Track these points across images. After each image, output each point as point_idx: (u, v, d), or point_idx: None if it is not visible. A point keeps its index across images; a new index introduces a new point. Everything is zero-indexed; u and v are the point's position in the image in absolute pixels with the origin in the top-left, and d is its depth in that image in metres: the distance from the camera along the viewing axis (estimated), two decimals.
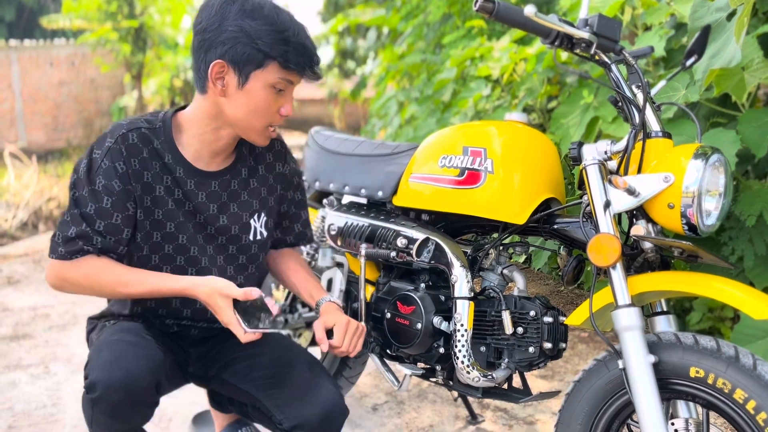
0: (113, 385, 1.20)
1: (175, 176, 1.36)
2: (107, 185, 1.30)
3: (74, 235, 1.29)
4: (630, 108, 1.31)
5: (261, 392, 1.40)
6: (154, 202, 1.35)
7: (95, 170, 1.30)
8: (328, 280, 1.80)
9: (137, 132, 1.33)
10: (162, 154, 1.34)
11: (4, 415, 2.11)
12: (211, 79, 1.28)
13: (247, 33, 1.25)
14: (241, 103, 1.29)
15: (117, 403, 1.21)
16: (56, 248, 1.31)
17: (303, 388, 1.38)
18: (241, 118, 1.31)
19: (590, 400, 1.29)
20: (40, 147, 13.20)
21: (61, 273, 1.32)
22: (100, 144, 1.32)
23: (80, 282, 1.31)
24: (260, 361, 1.44)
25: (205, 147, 1.38)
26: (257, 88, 1.28)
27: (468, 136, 1.55)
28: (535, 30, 1.26)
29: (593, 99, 2.29)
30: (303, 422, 1.33)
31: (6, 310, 3.36)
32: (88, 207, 1.30)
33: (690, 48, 1.45)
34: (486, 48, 3.18)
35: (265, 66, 1.27)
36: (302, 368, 1.42)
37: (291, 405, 1.36)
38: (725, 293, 1.16)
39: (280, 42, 1.26)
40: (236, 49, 1.25)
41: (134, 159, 1.32)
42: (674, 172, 1.21)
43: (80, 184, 1.31)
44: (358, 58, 15.40)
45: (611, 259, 1.21)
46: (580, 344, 2.55)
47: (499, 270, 1.55)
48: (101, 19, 10.71)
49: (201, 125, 1.35)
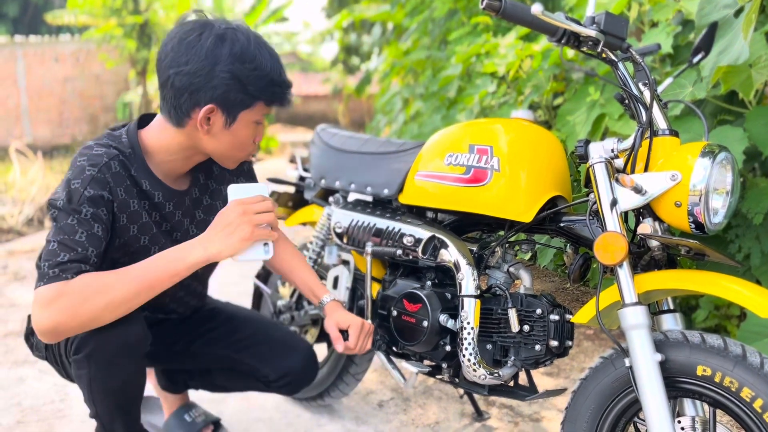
0: (104, 333, 1.22)
1: (154, 202, 1.38)
2: (95, 213, 1.25)
3: (67, 260, 1.19)
4: (637, 106, 1.30)
5: (243, 352, 1.59)
6: (140, 230, 1.37)
7: (78, 200, 1.24)
8: (334, 278, 1.81)
9: (117, 160, 1.31)
10: (139, 181, 1.35)
11: (12, 410, 2.12)
12: (199, 120, 1.29)
13: (238, 79, 1.27)
14: (225, 140, 1.33)
15: (112, 352, 1.24)
16: (46, 274, 1.18)
17: (282, 344, 1.59)
18: (223, 152, 1.35)
19: (597, 397, 1.29)
20: (46, 143, 13.24)
21: (57, 298, 1.16)
22: (79, 174, 1.26)
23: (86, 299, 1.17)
24: (237, 326, 1.62)
25: (174, 170, 1.41)
26: (242, 126, 1.32)
27: (474, 133, 1.54)
28: (541, 28, 1.26)
29: (600, 96, 2.28)
30: (288, 371, 1.56)
31: (13, 305, 3.38)
32: (77, 234, 1.22)
33: (697, 45, 1.44)
34: (492, 44, 3.17)
35: (253, 106, 1.31)
36: (275, 329, 1.64)
37: (274, 359, 1.57)
38: (732, 291, 1.16)
39: (267, 84, 1.30)
40: (228, 95, 1.27)
41: (119, 188, 1.31)
42: (681, 170, 1.21)
43: (63, 215, 1.24)
44: (363, 54, 15.37)
45: (618, 257, 1.21)
46: (585, 341, 2.55)
47: (506, 268, 1.55)
48: (106, 15, 10.73)
49: (172, 153, 1.37)
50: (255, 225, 1.26)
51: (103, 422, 1.38)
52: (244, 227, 1.25)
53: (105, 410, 1.35)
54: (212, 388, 1.71)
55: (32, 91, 13.56)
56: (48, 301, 1.15)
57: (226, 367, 1.62)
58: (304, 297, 1.99)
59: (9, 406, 2.15)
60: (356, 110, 19.75)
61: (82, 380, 1.31)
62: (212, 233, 1.26)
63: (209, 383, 1.69)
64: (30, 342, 1.54)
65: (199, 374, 1.68)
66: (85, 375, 1.29)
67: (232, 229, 1.25)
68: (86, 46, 13.29)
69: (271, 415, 2.03)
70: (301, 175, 2.08)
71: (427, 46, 5.04)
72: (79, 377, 1.31)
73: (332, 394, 1.97)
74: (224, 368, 1.63)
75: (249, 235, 1.25)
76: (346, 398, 2.12)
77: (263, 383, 1.59)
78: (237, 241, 1.25)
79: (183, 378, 1.72)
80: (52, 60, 13.57)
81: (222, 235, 1.25)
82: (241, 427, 1.96)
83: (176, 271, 1.24)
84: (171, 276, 1.24)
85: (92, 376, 1.28)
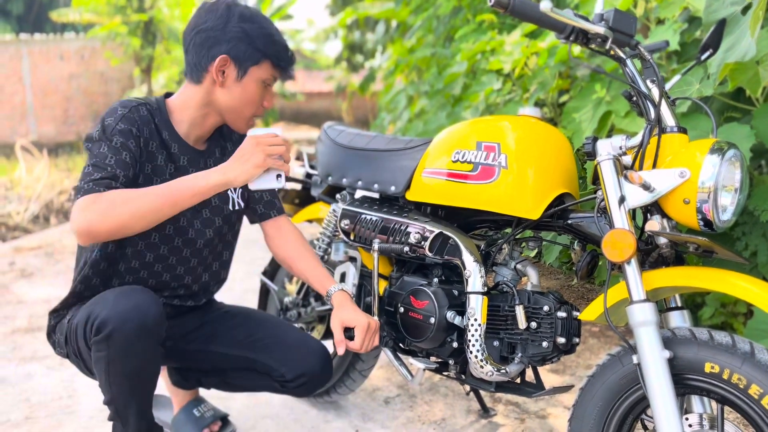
0: (125, 314, 1.31)
1: (170, 152, 1.52)
2: (125, 143, 1.42)
3: (100, 177, 1.36)
4: (645, 103, 1.30)
5: (260, 352, 1.62)
6: (154, 171, 1.50)
7: (110, 131, 1.41)
8: (341, 275, 1.81)
9: (145, 107, 1.49)
10: (161, 130, 1.51)
11: (21, 406, 2.13)
12: (214, 70, 1.46)
13: (247, 34, 1.46)
14: (236, 93, 1.49)
15: (131, 333, 1.31)
16: (82, 188, 1.34)
17: (298, 344, 1.62)
18: (234, 106, 1.51)
19: (604, 394, 1.29)
20: (51, 140, 13.28)
21: (91, 204, 1.30)
22: (112, 113, 1.44)
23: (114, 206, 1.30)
24: (254, 327, 1.67)
25: (192, 130, 1.55)
26: (251, 81, 1.49)
27: (481, 130, 1.55)
28: (550, 25, 1.26)
29: (606, 93, 2.28)
30: (305, 371, 1.58)
31: (20, 302, 3.40)
32: (108, 158, 1.39)
33: (705, 42, 1.44)
34: (497, 42, 3.17)
35: (261, 63, 1.49)
36: (292, 330, 1.67)
37: (292, 359, 1.60)
38: (741, 289, 1.16)
39: (272, 43, 1.49)
40: (239, 48, 1.46)
41: (145, 128, 1.47)
42: (690, 167, 1.21)
43: (97, 144, 1.41)
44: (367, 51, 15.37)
45: (626, 254, 1.21)
46: (591, 339, 2.55)
47: (513, 265, 1.55)
48: (111, 12, 10.75)
49: (191, 111, 1.53)
50: (267, 154, 1.37)
51: (118, 407, 1.40)
52: (258, 154, 1.36)
53: (120, 394, 1.38)
54: (226, 387, 1.73)
55: (37, 89, 13.60)
56: (82, 207, 1.31)
57: (242, 367, 1.65)
58: (312, 292, 2.00)
59: (17, 402, 2.16)
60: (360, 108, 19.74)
61: (100, 363, 1.34)
62: (230, 162, 1.38)
63: (223, 382, 1.71)
64: (52, 340, 1.58)
65: (214, 373, 1.70)
66: (103, 357, 1.33)
67: (248, 156, 1.37)
68: (91, 44, 13.33)
69: (278, 412, 2.04)
70: (308, 172, 2.08)
71: (432, 44, 5.03)
72: (98, 360, 1.34)
73: (339, 390, 1.98)
74: (240, 368, 1.66)
75: (262, 161, 1.36)
76: (352, 395, 2.13)
77: (279, 383, 1.62)
78: (251, 167, 1.36)
79: (196, 376, 1.73)
80: (57, 58, 13.60)
81: (238, 162, 1.37)
82: (249, 423, 1.97)
83: (197, 190, 1.36)
84: (192, 194, 1.35)
85: (111, 358, 1.32)
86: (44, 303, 3.37)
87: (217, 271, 1.70)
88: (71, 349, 1.49)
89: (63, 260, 4.42)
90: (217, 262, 1.70)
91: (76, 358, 1.50)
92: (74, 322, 1.46)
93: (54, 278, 3.92)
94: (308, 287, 2.01)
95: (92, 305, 1.37)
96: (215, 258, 1.68)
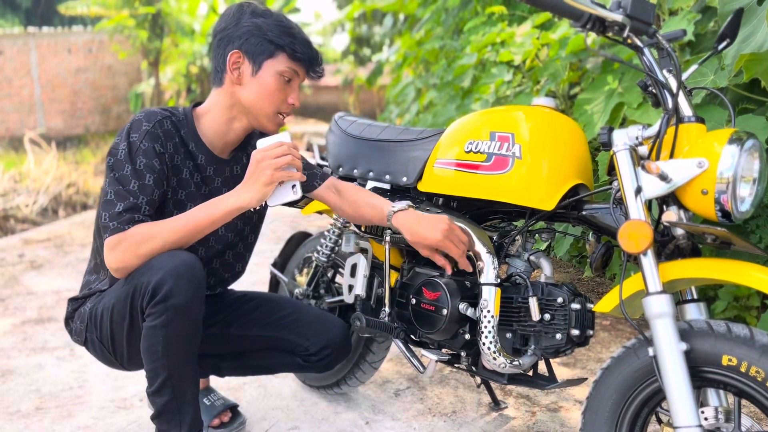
0: (176, 270, 1.33)
1: (197, 163, 1.53)
2: (148, 164, 1.43)
3: (122, 209, 1.38)
4: (663, 92, 1.28)
5: (283, 330, 1.67)
6: (180, 184, 1.51)
7: (135, 151, 1.42)
8: (352, 266, 1.80)
9: (170, 120, 1.49)
10: (187, 142, 1.51)
11: (31, 396, 2.14)
12: (229, 68, 1.46)
13: (259, 27, 1.46)
14: (253, 89, 1.47)
15: (187, 285, 1.33)
16: (107, 227, 1.38)
17: (319, 319, 1.69)
18: (254, 103, 1.48)
19: (619, 387, 1.28)
20: (59, 133, 13.32)
21: (118, 244, 1.36)
22: (137, 128, 1.44)
23: (139, 243, 1.36)
24: (274, 307, 1.71)
25: (218, 138, 1.55)
26: (268, 75, 1.47)
27: (495, 121, 1.53)
28: (566, 12, 1.24)
29: (618, 85, 2.26)
30: (328, 343, 1.65)
31: (30, 293, 3.41)
32: (131, 184, 1.40)
33: (722, 31, 1.42)
34: (508, 33, 3.15)
35: (276, 56, 1.47)
36: (309, 307, 1.74)
37: (314, 332, 1.66)
38: (759, 280, 1.14)
39: (286, 35, 1.47)
40: (251, 41, 1.46)
41: (169, 143, 1.48)
42: (708, 157, 1.19)
43: (120, 165, 1.42)
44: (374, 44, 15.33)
45: (643, 245, 1.19)
46: (602, 332, 2.54)
47: (526, 256, 1.54)
48: (118, 5, 10.76)
49: (217, 116, 1.53)
50: (274, 169, 1.36)
51: (174, 383, 1.39)
52: (265, 172, 1.36)
53: (179, 363, 1.38)
54: (243, 370, 1.74)
55: (45, 82, 13.64)
56: (112, 247, 1.37)
57: (263, 347, 1.69)
58: (322, 285, 1.99)
59: (28, 393, 2.17)
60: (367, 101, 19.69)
61: (156, 333, 1.34)
62: (242, 185, 1.40)
63: (242, 365, 1.73)
64: (69, 327, 1.60)
65: (231, 356, 1.72)
66: (160, 324, 1.34)
67: (256, 176, 1.37)
68: (99, 37, 13.34)
69: (288, 403, 2.04)
70: (319, 163, 2.07)
71: (441, 36, 5.01)
72: (153, 331, 1.34)
73: (349, 382, 1.98)
74: (260, 348, 1.69)
75: (269, 178, 1.36)
76: (362, 387, 2.13)
77: (302, 358, 1.67)
78: (261, 186, 1.37)
79: (212, 361, 1.73)
80: (65, 51, 13.63)
81: (249, 183, 1.38)
82: (259, 414, 1.97)
83: (216, 218, 1.39)
84: (211, 222, 1.39)
85: (169, 319, 1.33)
86: (54, 294, 3.38)
87: (234, 267, 1.73)
88: (93, 335, 1.51)
89: (72, 252, 4.44)
90: (238, 263, 1.73)
91: (98, 344, 1.51)
92: (99, 308, 1.48)
93: (63, 269, 3.93)
94: (319, 278, 2.00)
95: (134, 280, 1.38)
96: (235, 259, 1.71)
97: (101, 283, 1.55)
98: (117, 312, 1.43)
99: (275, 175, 1.36)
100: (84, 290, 1.58)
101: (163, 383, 1.39)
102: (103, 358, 1.55)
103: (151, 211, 1.43)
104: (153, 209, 1.43)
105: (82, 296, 1.58)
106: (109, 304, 1.45)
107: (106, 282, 1.54)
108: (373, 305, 1.81)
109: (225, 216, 1.39)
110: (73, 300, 1.59)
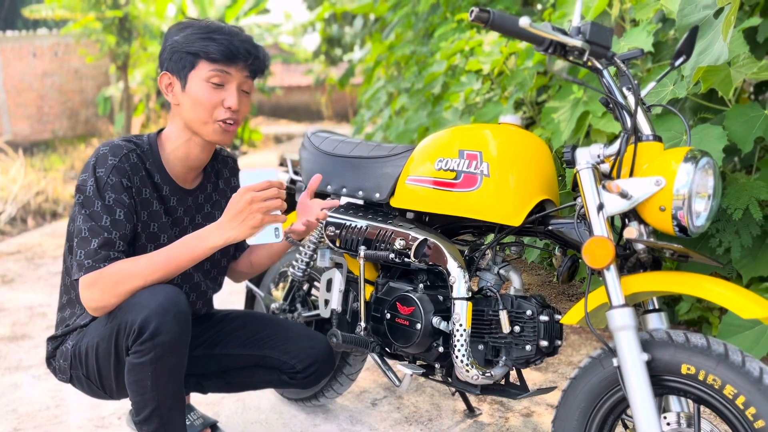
0: (161, 307, 1.32)
1: (162, 194, 1.53)
2: (117, 198, 1.43)
3: (97, 246, 1.38)
4: (621, 113, 1.34)
5: (268, 348, 1.69)
6: (150, 217, 1.51)
7: (103, 186, 1.42)
8: (327, 281, 1.83)
9: (135, 153, 1.48)
10: (152, 174, 1.52)
11: (8, 417, 2.13)
12: (164, 91, 1.50)
13: (178, 43, 1.46)
14: (188, 104, 1.48)
15: (173, 322, 1.33)
16: (82, 265, 1.37)
17: (304, 336, 1.72)
18: (191, 116, 1.48)
19: (586, 396, 1.33)
20: (25, 139, 13.06)
21: (95, 283, 1.35)
22: (102, 163, 1.43)
23: (117, 282, 1.35)
24: (257, 326, 1.72)
25: (181, 163, 1.55)
26: (195, 86, 1.46)
27: (464, 139, 1.57)
28: (529, 38, 1.29)
29: (583, 94, 2.32)
30: (315, 359, 1.68)
31: (2, 310, 3.37)
32: (103, 220, 1.40)
33: (678, 48, 1.48)
34: (476, 41, 3.20)
35: (196, 65, 1.46)
36: (292, 324, 1.76)
37: (300, 350, 1.68)
38: (715, 293, 1.20)
39: (204, 40, 1.44)
40: (173, 59, 1.47)
41: (135, 177, 1.47)
42: (665, 175, 1.25)
43: (90, 202, 1.41)
44: (345, 45, 15.32)
45: (605, 261, 1.25)
46: (573, 335, 2.61)
47: (496, 270, 1.59)
48: (84, 9, 10.56)
49: (175, 141, 1.54)
50: (264, 213, 1.36)
51: (162, 413, 1.38)
52: (255, 215, 1.36)
53: (167, 396, 1.38)
54: (227, 388, 1.75)
55: (10, 86, 13.35)
56: (88, 286, 1.36)
57: (248, 365, 1.71)
58: (298, 300, 2.02)
59: (5, 413, 2.16)
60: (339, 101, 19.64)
61: (145, 369, 1.33)
62: (226, 220, 1.38)
63: (225, 383, 1.74)
64: (52, 366, 1.58)
65: (215, 375, 1.73)
66: (149, 360, 1.33)
67: (243, 217, 1.36)
68: (65, 40, 13.11)
69: (267, 417, 2.06)
70: (292, 178, 2.09)
71: (411, 40, 5.05)
72: (141, 367, 1.33)
73: (327, 394, 2.01)
74: (245, 366, 1.71)
75: (258, 223, 1.36)
76: (340, 398, 2.16)
77: (288, 375, 1.69)
78: (248, 228, 1.37)
79: (196, 379, 1.74)
80: (30, 55, 13.36)
81: (235, 222, 1.37)
82: (238, 429, 1.99)
83: (197, 254, 1.39)
84: (193, 259, 1.39)
85: (158, 356, 1.33)
86: (27, 310, 3.34)
87: (207, 294, 1.73)
88: (78, 372, 1.49)
89: (44, 265, 4.38)
90: (211, 288, 1.74)
91: (85, 380, 1.50)
92: (82, 346, 1.47)
93: (35, 283, 3.88)
94: (294, 293, 2.02)
95: (117, 318, 1.37)
96: (209, 285, 1.73)
97: (79, 318, 1.53)
98: (102, 349, 1.42)
99: (265, 219, 1.36)
100: (61, 327, 1.56)
101: (152, 413, 1.38)
102: (91, 392, 1.54)
103: (125, 247, 1.42)
104: (126, 244, 1.43)
105: (61, 334, 1.55)
106: (93, 342, 1.43)
107: (84, 317, 1.52)
108: (348, 319, 1.84)
109: (208, 252, 1.39)
110: (53, 339, 1.57)
